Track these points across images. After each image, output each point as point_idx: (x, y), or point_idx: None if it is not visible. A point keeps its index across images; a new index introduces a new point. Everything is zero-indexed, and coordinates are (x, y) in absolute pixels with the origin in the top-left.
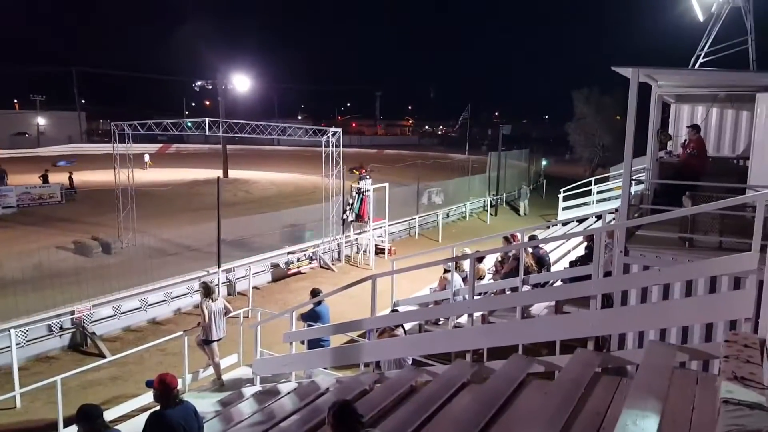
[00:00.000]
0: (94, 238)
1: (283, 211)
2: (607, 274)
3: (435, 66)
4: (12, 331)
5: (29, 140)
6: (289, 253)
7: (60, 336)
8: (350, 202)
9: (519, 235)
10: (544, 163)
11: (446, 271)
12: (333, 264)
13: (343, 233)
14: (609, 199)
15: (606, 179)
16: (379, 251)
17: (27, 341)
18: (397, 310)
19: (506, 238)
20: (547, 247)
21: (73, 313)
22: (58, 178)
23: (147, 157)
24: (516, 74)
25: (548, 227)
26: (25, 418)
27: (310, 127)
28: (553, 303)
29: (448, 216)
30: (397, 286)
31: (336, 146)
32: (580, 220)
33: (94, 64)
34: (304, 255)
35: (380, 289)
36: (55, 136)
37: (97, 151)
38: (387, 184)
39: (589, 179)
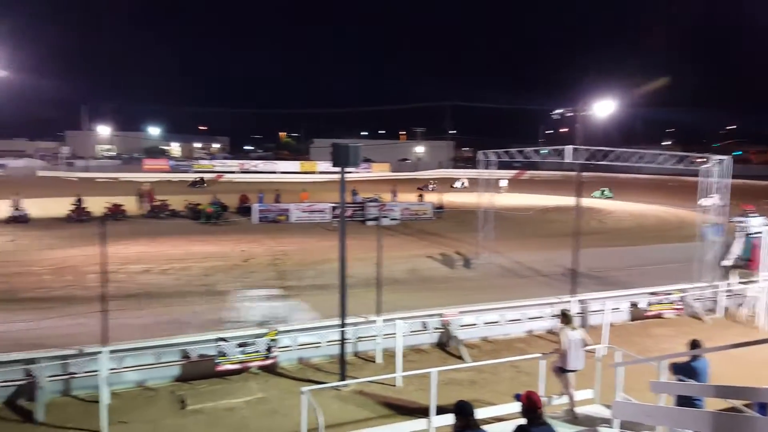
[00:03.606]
0: (457, 253)
1: (643, 246)
2: None
3: None
4: (399, 321)
5: (409, 165)
6: (651, 293)
7: (430, 333)
8: (735, 244)
9: None
10: None
11: None
12: (705, 314)
13: (724, 280)
14: None
15: None
16: None
17: (410, 332)
18: None
19: None
20: None
21: (441, 315)
22: (429, 198)
23: (504, 182)
24: None
25: None
26: (402, 397)
27: (692, 154)
28: None
29: None
30: None
31: (719, 176)
32: None
33: (464, 98)
34: (668, 298)
35: None
36: (429, 161)
37: (460, 176)
38: None
39: None
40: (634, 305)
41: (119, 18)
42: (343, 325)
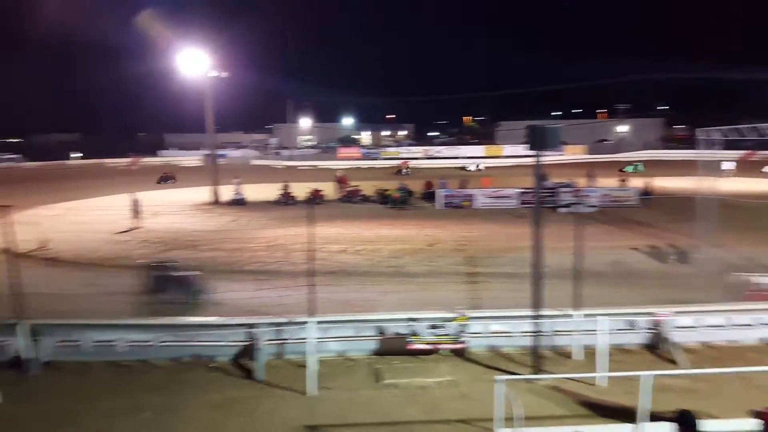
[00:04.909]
0: (669, 245)
1: None
2: None
3: None
4: (601, 318)
5: (609, 146)
6: None
7: (638, 333)
8: None
9: None
10: None
11: None
12: None
13: None
14: None
15: None
16: None
17: (614, 330)
18: None
19: None
20: None
21: (652, 314)
22: (634, 183)
23: (730, 165)
24: None
25: None
26: (604, 398)
27: None
28: None
29: None
30: None
31: None
32: None
33: (675, 70)
34: None
35: None
36: (633, 142)
37: (672, 157)
38: None
39: None
40: None
41: (318, 22)
42: (537, 316)
